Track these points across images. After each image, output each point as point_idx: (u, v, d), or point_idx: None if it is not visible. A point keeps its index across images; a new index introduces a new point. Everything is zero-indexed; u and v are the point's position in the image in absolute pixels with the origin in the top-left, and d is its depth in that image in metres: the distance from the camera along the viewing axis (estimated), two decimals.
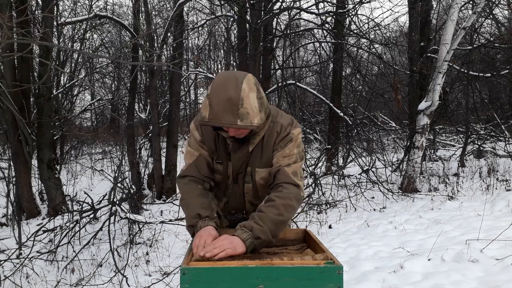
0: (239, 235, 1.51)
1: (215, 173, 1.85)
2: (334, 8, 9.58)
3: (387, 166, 8.52)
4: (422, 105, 7.09)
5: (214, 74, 17.49)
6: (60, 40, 10.32)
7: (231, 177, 1.82)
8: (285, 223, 1.62)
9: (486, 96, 12.41)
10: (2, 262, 4.28)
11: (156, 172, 8.48)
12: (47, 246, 4.98)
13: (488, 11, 9.05)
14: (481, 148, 10.02)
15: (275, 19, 8.77)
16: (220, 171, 1.83)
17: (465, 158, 9.30)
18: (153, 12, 11.64)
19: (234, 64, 14.13)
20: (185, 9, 11.48)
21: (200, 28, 14.91)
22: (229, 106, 1.52)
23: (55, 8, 9.07)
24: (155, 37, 9.71)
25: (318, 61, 13.50)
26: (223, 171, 1.82)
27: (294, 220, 5.41)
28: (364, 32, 9.06)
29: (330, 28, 9.91)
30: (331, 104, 9.95)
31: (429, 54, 8.72)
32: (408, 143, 8.19)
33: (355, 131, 9.35)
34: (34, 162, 7.04)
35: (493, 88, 12.39)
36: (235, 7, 7.94)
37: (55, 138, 8.32)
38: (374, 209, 6.25)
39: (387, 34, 10.40)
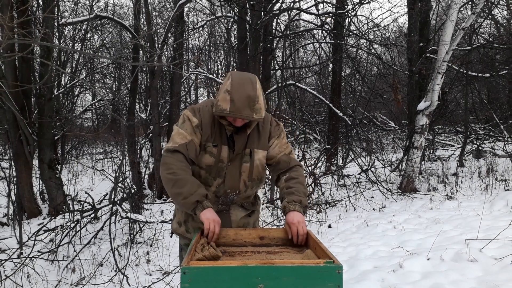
0: (298, 210, 1.88)
1: (209, 156, 1.99)
2: (334, 8, 9.59)
3: (386, 166, 8.54)
4: (421, 105, 7.11)
5: (214, 75, 17.50)
6: (61, 41, 10.32)
7: (227, 159, 2.00)
8: (307, 193, 2.08)
9: (485, 96, 12.42)
10: (3, 262, 4.30)
11: (157, 172, 8.49)
12: (48, 246, 5.00)
13: (487, 11, 9.06)
14: (480, 148, 10.04)
15: (275, 19, 8.77)
16: (214, 153, 1.99)
17: (464, 158, 9.31)
18: (154, 13, 11.66)
19: (234, 64, 14.14)
20: (186, 9, 11.49)
21: (200, 29, 14.90)
22: (248, 103, 1.84)
23: (56, 9, 9.07)
24: (156, 38, 9.73)
25: (317, 62, 13.48)
26: (217, 154, 1.99)
27: None
28: (363, 32, 9.06)
29: (329, 28, 9.91)
30: (330, 104, 9.96)
31: (428, 55, 8.73)
32: (407, 143, 8.21)
33: (355, 131, 9.37)
34: (35, 162, 7.06)
35: (492, 88, 12.40)
36: (235, 8, 7.95)
37: (56, 138, 8.32)
38: (374, 209, 6.27)
39: (387, 35, 10.42)
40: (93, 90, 14.20)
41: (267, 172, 2.24)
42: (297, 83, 10.00)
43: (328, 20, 9.60)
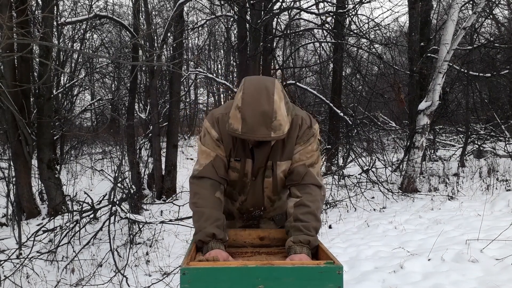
0: (306, 253, 1.58)
1: (232, 171, 1.81)
2: (334, 8, 9.58)
3: (387, 166, 8.52)
4: (422, 105, 7.09)
5: (214, 74, 17.49)
6: (60, 40, 10.32)
7: (250, 174, 1.80)
8: (320, 226, 1.72)
9: (486, 96, 12.41)
10: (2, 262, 4.28)
11: (156, 172, 8.48)
12: (47, 246, 4.98)
13: (488, 11, 9.05)
14: (481, 148, 10.01)
15: (275, 19, 8.77)
16: (237, 168, 1.80)
17: (465, 158, 9.29)
18: (153, 12, 11.65)
19: (234, 64, 14.15)
20: (185, 9, 11.48)
21: (200, 28, 14.91)
22: (263, 120, 1.54)
23: (55, 8, 9.07)
24: (155, 37, 9.71)
25: (318, 61, 13.50)
26: (241, 169, 1.79)
27: None
28: (364, 32, 9.05)
29: (330, 28, 9.91)
30: (331, 104, 9.95)
31: (429, 54, 8.72)
32: (408, 143, 8.18)
33: (355, 131, 9.35)
34: (34, 162, 7.04)
35: (493, 88, 12.39)
36: (235, 7, 7.94)
37: (55, 138, 8.31)
38: (374, 209, 6.25)
39: (387, 34, 10.40)
40: (92, 89, 14.19)
41: None
42: (297, 83, 10.01)
43: (328, 19, 9.59)
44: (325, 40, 10.61)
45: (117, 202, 5.27)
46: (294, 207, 1.70)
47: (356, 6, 8.46)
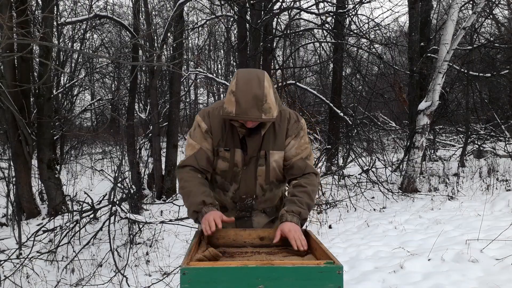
0: (295, 222, 1.76)
1: (222, 161, 1.92)
2: (334, 8, 9.57)
3: (387, 166, 8.51)
4: (422, 105, 7.09)
5: (214, 74, 17.50)
6: (60, 40, 10.32)
7: (241, 163, 1.91)
8: (313, 206, 1.93)
9: (486, 96, 12.42)
10: (2, 262, 4.28)
11: (156, 172, 8.48)
12: (47, 246, 4.98)
13: (488, 11, 9.05)
14: (481, 148, 10.01)
15: (275, 19, 8.76)
16: (227, 158, 1.91)
17: (465, 158, 9.29)
18: (153, 12, 11.65)
19: (234, 64, 14.15)
20: (185, 9, 11.49)
21: (200, 28, 14.92)
22: (255, 103, 1.71)
23: (55, 8, 9.07)
24: (155, 37, 9.72)
25: (318, 61, 13.51)
26: (230, 158, 1.90)
27: None
28: (364, 32, 9.04)
29: (330, 28, 9.91)
30: (331, 104, 9.95)
31: (429, 54, 8.72)
32: (408, 143, 8.18)
33: (355, 131, 9.35)
34: (34, 162, 7.04)
35: (493, 88, 12.40)
36: (235, 7, 7.94)
37: (55, 138, 8.31)
38: (374, 209, 6.25)
39: (387, 34, 10.39)
40: (92, 89, 14.20)
41: None
42: (297, 83, 10.01)
43: (328, 19, 9.59)
44: (325, 40, 10.61)
45: (117, 202, 5.27)
46: (292, 187, 1.90)
47: (356, 6, 8.45)
